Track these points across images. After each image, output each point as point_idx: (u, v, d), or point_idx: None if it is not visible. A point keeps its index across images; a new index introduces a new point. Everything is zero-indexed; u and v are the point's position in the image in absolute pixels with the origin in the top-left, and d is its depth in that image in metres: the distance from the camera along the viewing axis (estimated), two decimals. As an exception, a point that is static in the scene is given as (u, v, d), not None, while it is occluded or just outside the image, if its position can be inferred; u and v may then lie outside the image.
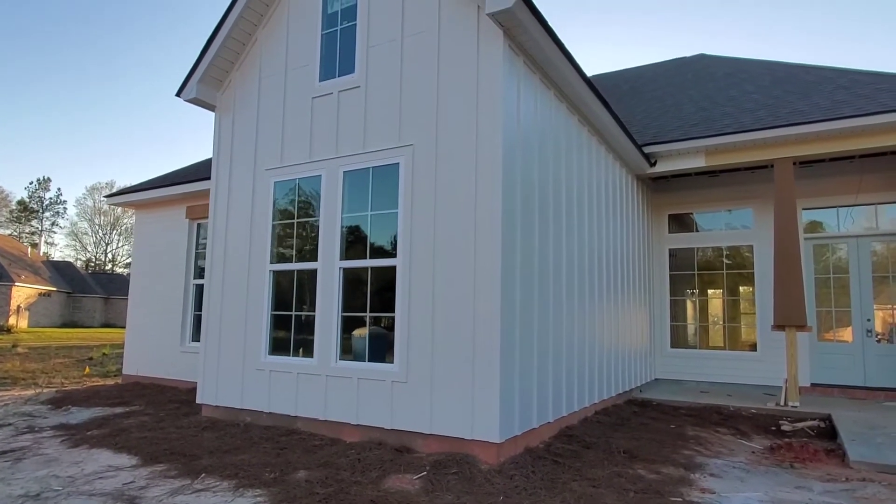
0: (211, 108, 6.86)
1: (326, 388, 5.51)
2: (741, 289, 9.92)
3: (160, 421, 6.35)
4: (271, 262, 6.11)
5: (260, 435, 5.51)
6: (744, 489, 4.40)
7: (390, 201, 5.39)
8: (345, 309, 5.59)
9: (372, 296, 5.45)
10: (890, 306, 8.81)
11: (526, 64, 5.39)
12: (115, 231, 68.28)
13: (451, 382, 4.84)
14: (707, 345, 10.01)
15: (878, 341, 8.77)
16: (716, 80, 11.78)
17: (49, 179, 66.90)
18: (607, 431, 6.04)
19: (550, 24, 4.98)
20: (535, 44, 5.16)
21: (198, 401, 6.47)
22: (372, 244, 5.51)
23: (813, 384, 8.86)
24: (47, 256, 57.09)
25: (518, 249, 5.07)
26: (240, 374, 6.14)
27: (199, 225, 9.32)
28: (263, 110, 6.43)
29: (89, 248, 67.29)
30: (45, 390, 8.89)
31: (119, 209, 66.56)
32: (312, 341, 5.71)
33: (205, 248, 9.19)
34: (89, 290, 49.45)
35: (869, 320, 8.83)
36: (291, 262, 5.99)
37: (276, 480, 4.28)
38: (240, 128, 6.60)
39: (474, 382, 4.72)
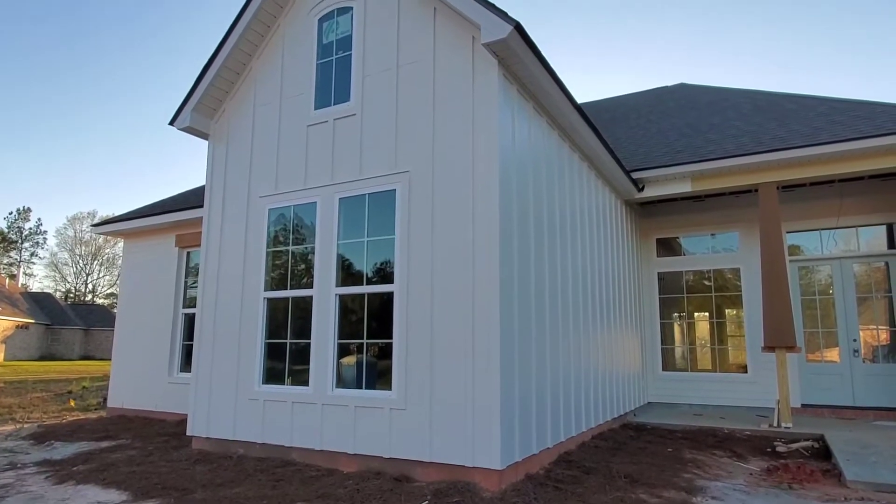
0: (204, 136, 6.87)
1: (322, 417, 5.42)
2: (730, 311, 10.03)
3: (149, 455, 6.18)
4: (265, 290, 6.06)
5: (254, 467, 5.38)
6: (746, 512, 4.38)
7: (387, 228, 5.41)
8: (341, 336, 5.54)
9: (369, 322, 5.42)
10: (874, 326, 8.96)
11: (519, 92, 5.51)
12: (95, 261, 67.30)
13: (450, 409, 4.79)
14: (698, 367, 10.06)
15: (864, 361, 8.90)
16: (698, 108, 12.11)
17: (29, 210, 65.97)
18: (606, 456, 6.00)
19: (544, 54, 5.11)
20: (528, 73, 5.29)
21: (188, 433, 6.32)
22: (368, 270, 5.51)
23: (804, 405, 8.93)
24: (26, 288, 55.89)
25: (515, 275, 5.10)
26: (232, 404, 6.03)
27: (188, 253, 9.24)
28: (258, 138, 6.46)
29: (69, 279, 66.11)
30: (25, 425, 8.62)
31: (101, 239, 65.75)
32: (307, 369, 5.64)
33: (195, 277, 9.10)
34: (69, 322, 48.40)
35: (855, 340, 8.96)
36: (286, 289, 5.95)
37: (273, 513, 4.18)
38: (233, 155, 6.62)
39: (474, 409, 4.68)
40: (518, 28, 4.70)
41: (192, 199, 9.61)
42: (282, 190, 6.14)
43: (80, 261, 67.13)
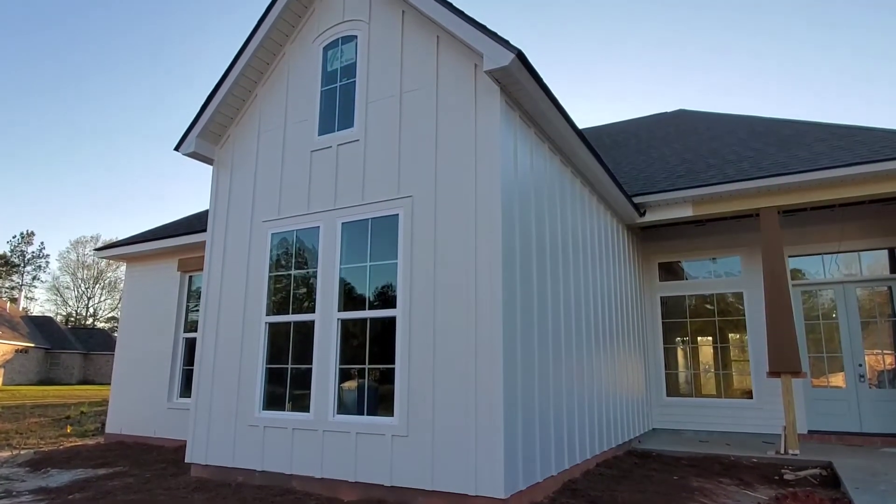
0: (209, 161, 6.94)
1: (323, 444, 5.35)
2: (733, 335, 9.97)
3: (146, 482, 6.09)
4: (267, 314, 6.05)
5: (253, 495, 5.30)
6: (756, 543, 4.29)
7: (389, 252, 5.42)
8: (342, 361, 5.51)
9: (371, 347, 5.39)
10: (878, 351, 8.89)
11: (521, 118, 5.57)
12: (97, 285, 67.30)
13: (453, 436, 4.74)
14: (703, 393, 9.96)
15: (870, 386, 8.80)
16: (697, 133, 12.22)
17: (32, 233, 66.22)
18: (611, 485, 5.90)
19: (545, 80, 5.18)
20: (530, 99, 5.36)
21: (187, 460, 6.23)
22: (371, 295, 5.50)
23: (810, 431, 8.80)
24: (26, 311, 55.78)
25: (517, 301, 5.09)
26: (232, 430, 5.96)
27: (191, 277, 9.24)
28: (262, 163, 6.52)
29: (70, 303, 66.01)
30: (21, 452, 8.51)
31: (103, 262, 65.85)
32: (308, 395, 5.59)
33: (196, 301, 9.08)
34: (69, 346, 48.17)
35: (860, 365, 8.88)
36: (288, 313, 5.93)
37: (273, 543, 4.10)
38: (237, 180, 6.67)
39: (477, 436, 4.63)
40: (520, 56, 4.77)
41: (196, 223, 9.65)
42: (285, 215, 6.16)
43: (82, 284, 67.14)
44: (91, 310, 66.88)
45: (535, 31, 69.25)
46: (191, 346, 8.95)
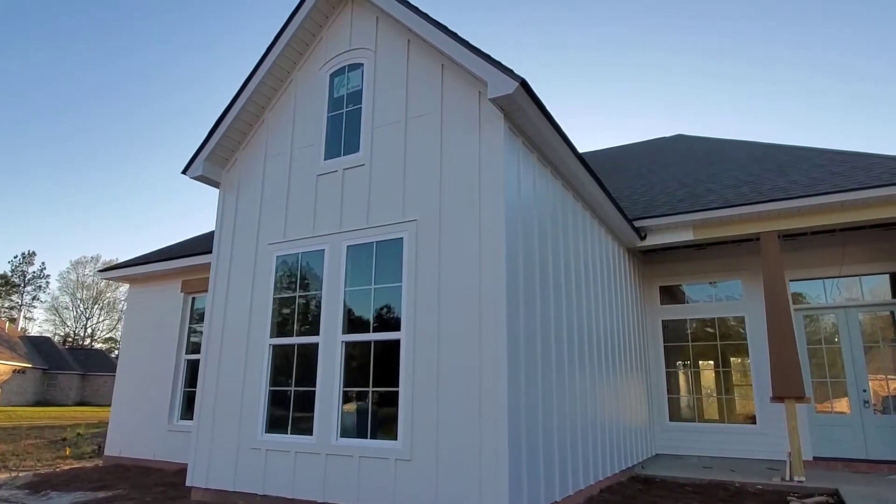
0: (215, 184, 7.03)
1: (326, 468, 5.33)
2: (735, 359, 9.94)
3: (147, 506, 6.04)
4: (271, 336, 6.06)
5: (255, 520, 5.26)
6: (763, 571, 4.24)
7: (394, 275, 5.46)
8: (346, 384, 5.51)
9: (374, 370, 5.40)
10: (882, 376, 8.86)
11: (524, 144, 5.66)
12: (96, 305, 67.18)
13: (457, 460, 4.72)
14: (706, 417, 9.89)
15: (875, 412, 8.75)
16: (696, 158, 12.35)
17: (34, 253, 66.35)
18: (615, 511, 5.85)
19: (548, 108, 5.28)
20: (533, 126, 5.46)
21: (188, 483, 6.18)
22: (375, 318, 5.52)
23: (815, 458, 8.72)
24: (24, 331, 55.55)
25: (521, 324, 5.12)
26: (234, 453, 5.93)
27: (193, 299, 9.26)
28: (268, 187, 6.60)
29: (69, 323, 65.80)
30: (20, 474, 8.44)
31: (103, 283, 65.87)
32: (311, 417, 5.58)
33: (199, 323, 9.09)
34: (66, 367, 47.85)
35: (865, 391, 8.84)
36: (292, 335, 5.95)
37: (275, 569, 4.06)
38: (243, 203, 6.74)
39: (482, 460, 4.61)
40: (524, 84, 4.88)
41: (199, 245, 9.71)
42: (290, 237, 6.22)
43: (81, 304, 67.00)
44: (89, 330, 66.64)
45: (528, 52, 70.34)
46: (192, 367, 8.94)
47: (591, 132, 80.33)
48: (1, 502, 6.56)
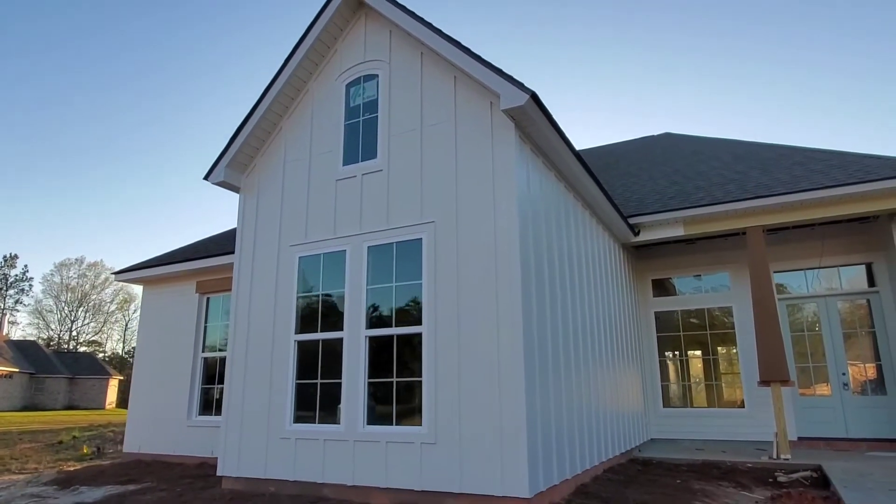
0: (235, 189, 7.37)
1: (354, 453, 5.74)
2: (724, 348, 10.50)
3: (180, 496, 6.39)
4: (296, 333, 6.44)
5: (289, 503, 5.64)
6: (757, 532, 4.74)
7: (414, 273, 5.87)
8: (371, 375, 5.92)
9: (398, 362, 5.81)
10: (860, 363, 9.47)
11: (532, 150, 6.10)
12: (81, 308, 66.49)
13: (479, 443, 5.16)
14: (697, 403, 10.45)
15: (854, 394, 9.36)
16: (684, 156, 12.89)
17: (16, 256, 65.41)
18: (619, 488, 6.33)
19: (555, 118, 5.72)
20: (541, 134, 5.90)
21: (218, 473, 6.55)
22: (397, 313, 5.93)
23: (799, 437, 9.31)
24: (7, 336, 54.90)
25: (534, 317, 5.56)
26: (263, 443, 6.31)
27: (208, 299, 9.58)
28: (288, 191, 6.97)
29: (53, 326, 65.02)
30: (44, 471, 8.71)
31: (88, 285, 65.28)
32: (338, 408, 5.98)
33: (214, 322, 9.42)
34: (54, 371, 47.45)
35: (844, 374, 9.45)
36: (317, 331, 6.33)
37: (320, 543, 4.46)
38: (264, 207, 7.10)
39: (502, 442, 5.05)
40: (534, 97, 5.31)
41: (212, 247, 10.02)
42: (311, 239, 6.60)
43: (66, 307, 66.24)
44: (74, 333, 65.92)
45: (513, 49, 70.91)
46: (209, 365, 9.28)
47: (571, 125, 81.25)
48: (33, 498, 6.87)
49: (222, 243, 10.11)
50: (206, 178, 7.19)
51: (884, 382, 9.21)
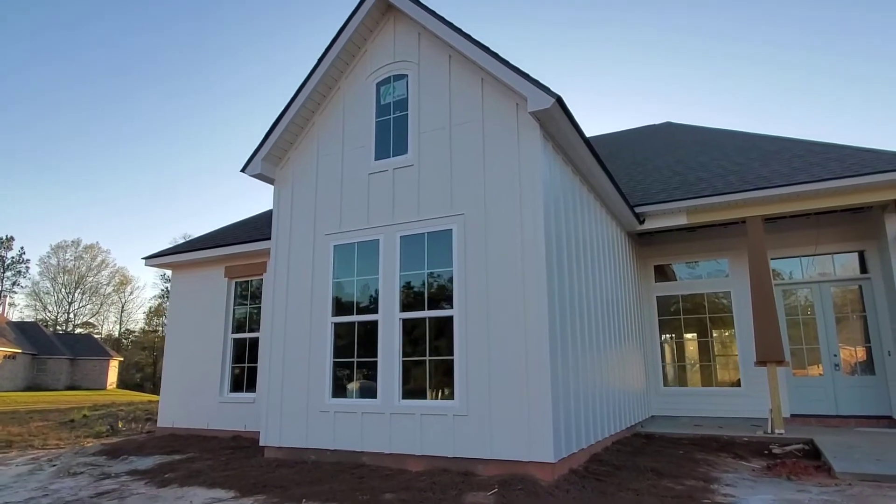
0: (269, 181, 7.82)
1: (391, 425, 6.30)
2: (722, 331, 11.11)
3: (226, 464, 6.95)
4: (333, 315, 6.96)
5: (332, 469, 6.21)
6: (757, 493, 5.35)
7: (445, 260, 6.38)
8: (405, 354, 6.45)
9: (430, 342, 6.35)
10: (851, 347, 10.09)
11: (553, 148, 6.59)
12: (78, 290, 66.79)
13: (508, 414, 5.72)
14: (696, 383, 11.08)
15: (844, 374, 9.99)
16: (685, 147, 13.37)
17: (12, 238, 65.42)
18: (629, 457, 6.94)
19: (577, 119, 6.20)
20: (561, 133, 6.37)
21: (261, 443, 7.11)
22: (429, 297, 6.45)
23: (792, 415, 9.95)
24: (8, 318, 55.23)
25: (556, 301, 6.10)
26: (304, 416, 6.86)
27: (237, 283, 10.07)
28: (321, 183, 7.43)
29: (50, 308, 65.34)
30: (87, 444, 9.26)
31: (84, 267, 65.51)
32: (374, 384, 6.53)
33: (244, 306, 9.93)
34: (55, 352, 47.97)
35: (835, 356, 10.07)
36: (352, 314, 6.85)
37: (369, 501, 5.03)
38: (298, 198, 7.57)
39: (530, 413, 5.61)
40: (559, 101, 5.78)
41: (241, 233, 10.47)
42: (346, 228, 7.09)
43: (63, 289, 66.51)
44: (71, 314, 66.23)
45: (514, 36, 70.72)
46: (238, 346, 9.82)
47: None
48: (88, 465, 7.42)
49: (249, 230, 10.57)
50: (243, 170, 7.63)
51: (872, 364, 9.83)
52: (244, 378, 9.67)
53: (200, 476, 6.29)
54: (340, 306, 6.97)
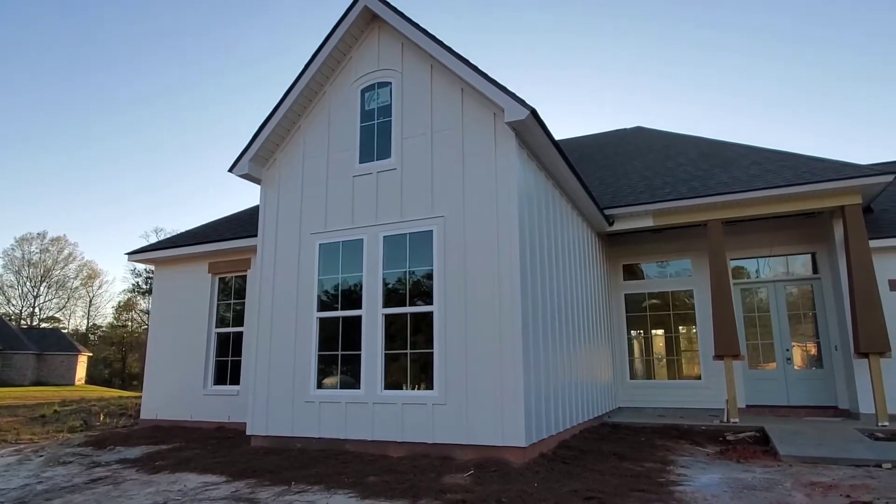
0: (256, 181, 8.11)
1: (373, 414, 6.69)
2: (685, 327, 11.77)
3: (214, 452, 7.25)
4: (318, 311, 7.31)
5: (318, 455, 6.58)
6: (707, 473, 5.91)
7: (426, 259, 6.79)
8: (387, 347, 6.85)
9: (411, 336, 6.75)
10: (802, 344, 10.83)
11: (528, 155, 7.05)
12: (44, 283, 65.21)
13: (483, 402, 6.17)
14: (660, 376, 11.72)
15: (796, 368, 10.72)
16: (654, 152, 14.00)
17: (-25, 230, 63.45)
18: (595, 443, 7.46)
19: (550, 129, 6.66)
20: (536, 141, 6.83)
21: (248, 432, 7.43)
22: (410, 294, 6.86)
23: (748, 406, 10.65)
24: (-31, 312, 53.71)
25: (529, 297, 6.56)
26: (289, 406, 7.20)
27: (220, 279, 10.31)
28: (307, 184, 7.76)
29: (14, 302, 63.65)
30: (72, 436, 9.42)
31: (50, 260, 63.99)
32: (358, 375, 6.91)
33: (227, 301, 10.18)
34: (21, 347, 46.87)
35: (788, 350, 10.80)
36: (337, 310, 7.22)
37: (355, 483, 5.42)
38: (285, 198, 7.88)
39: (504, 402, 6.07)
40: (534, 112, 6.23)
41: (224, 230, 10.70)
42: (331, 228, 7.43)
43: (28, 282, 64.84)
44: (37, 309, 64.66)
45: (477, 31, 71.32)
46: (222, 340, 10.07)
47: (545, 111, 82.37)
48: (76, 456, 7.63)
49: (233, 227, 10.80)
50: (230, 170, 7.90)
51: (821, 358, 10.58)
52: (228, 371, 9.93)
53: (191, 463, 6.59)
54: (325, 302, 7.33)
